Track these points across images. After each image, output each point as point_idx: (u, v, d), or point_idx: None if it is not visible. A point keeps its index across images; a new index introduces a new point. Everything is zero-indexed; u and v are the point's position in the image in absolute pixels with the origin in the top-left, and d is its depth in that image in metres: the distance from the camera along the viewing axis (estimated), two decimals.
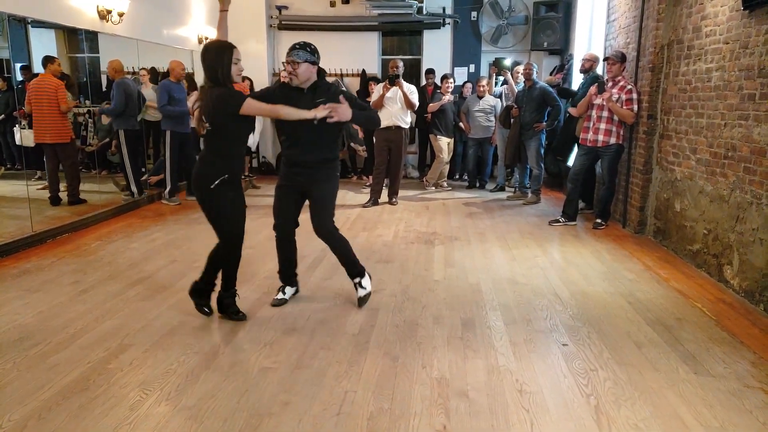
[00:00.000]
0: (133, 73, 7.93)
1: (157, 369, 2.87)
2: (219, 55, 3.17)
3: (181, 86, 6.87)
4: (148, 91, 7.32)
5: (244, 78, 8.26)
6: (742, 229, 3.95)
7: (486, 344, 3.19)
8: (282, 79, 3.46)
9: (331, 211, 3.61)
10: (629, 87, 5.60)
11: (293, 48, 3.42)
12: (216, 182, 3.21)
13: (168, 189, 7.08)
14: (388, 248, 5.16)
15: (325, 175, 3.57)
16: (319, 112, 3.23)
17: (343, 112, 3.30)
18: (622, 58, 5.72)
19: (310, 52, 3.42)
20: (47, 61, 6.16)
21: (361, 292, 3.73)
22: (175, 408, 2.52)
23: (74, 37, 6.88)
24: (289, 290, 3.83)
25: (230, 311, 3.49)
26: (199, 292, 3.48)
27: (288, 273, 3.81)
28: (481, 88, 8.13)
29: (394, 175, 7.26)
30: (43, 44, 6.70)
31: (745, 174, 3.95)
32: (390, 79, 6.76)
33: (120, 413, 2.47)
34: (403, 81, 6.82)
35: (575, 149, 6.85)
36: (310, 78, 3.44)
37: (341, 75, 9.70)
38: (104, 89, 7.02)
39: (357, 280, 3.73)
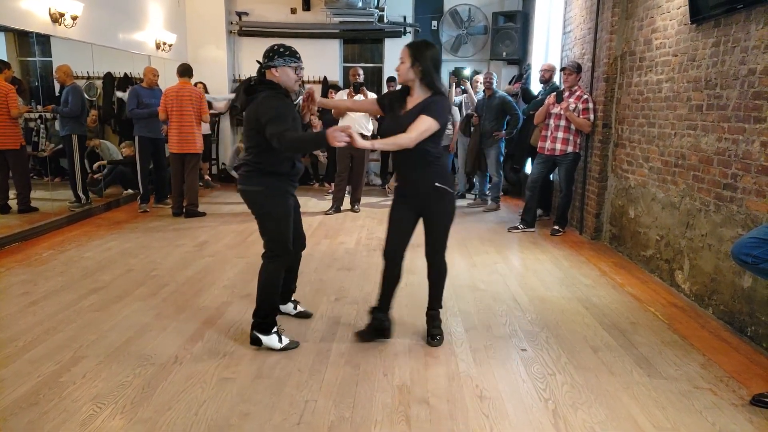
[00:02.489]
0: (88, 77, 7.74)
1: (111, 381, 2.78)
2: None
3: (154, 92, 6.74)
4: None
5: (197, 83, 8.15)
6: (692, 235, 4.10)
7: (447, 351, 3.21)
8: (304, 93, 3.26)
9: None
10: (585, 97, 5.76)
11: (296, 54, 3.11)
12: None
13: (140, 195, 6.93)
14: (350, 256, 5.15)
15: None
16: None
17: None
18: (577, 69, 5.87)
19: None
20: (3, 65, 5.96)
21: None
22: (131, 421, 2.45)
23: (25, 40, 6.68)
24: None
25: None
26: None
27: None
28: None
29: (357, 183, 7.26)
30: None
31: (694, 182, 4.10)
32: (354, 86, 6.79)
33: (72, 428, 2.39)
34: (365, 89, 6.86)
35: (530, 158, 7.02)
36: None
37: (302, 82, 9.64)
38: (57, 94, 6.82)
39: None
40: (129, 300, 3.91)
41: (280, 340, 3.17)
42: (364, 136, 7.04)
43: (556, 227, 6.11)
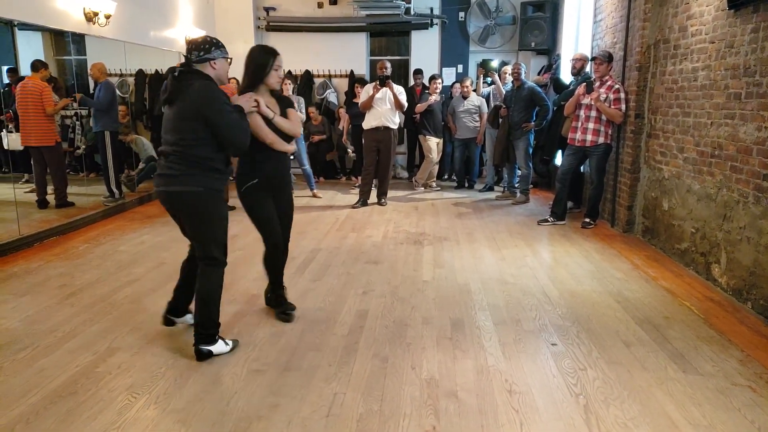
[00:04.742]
0: (121, 75, 7.89)
1: (145, 372, 2.85)
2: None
3: None
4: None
5: (230, 79, 8.23)
6: (729, 227, 3.99)
7: (475, 344, 3.19)
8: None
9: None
10: (617, 86, 5.64)
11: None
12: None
13: None
14: (377, 249, 5.15)
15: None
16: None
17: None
18: (609, 58, 5.75)
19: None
20: (40, 65, 6.11)
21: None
22: (164, 411, 2.50)
23: (61, 40, 6.83)
24: None
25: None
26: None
27: None
28: (465, 89, 8.14)
29: (383, 176, 7.26)
30: (30, 47, 6.65)
31: (731, 173, 3.98)
32: (380, 80, 6.77)
33: (108, 417, 2.45)
34: (391, 82, 6.85)
35: (560, 149, 6.92)
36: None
37: (329, 76, 9.69)
38: (92, 91, 6.97)
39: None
40: (162, 293, 3.97)
41: (227, 343, 3.06)
42: (390, 129, 7.03)
43: (587, 220, 6.01)
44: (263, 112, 3.20)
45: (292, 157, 3.48)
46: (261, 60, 3.24)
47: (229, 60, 3.05)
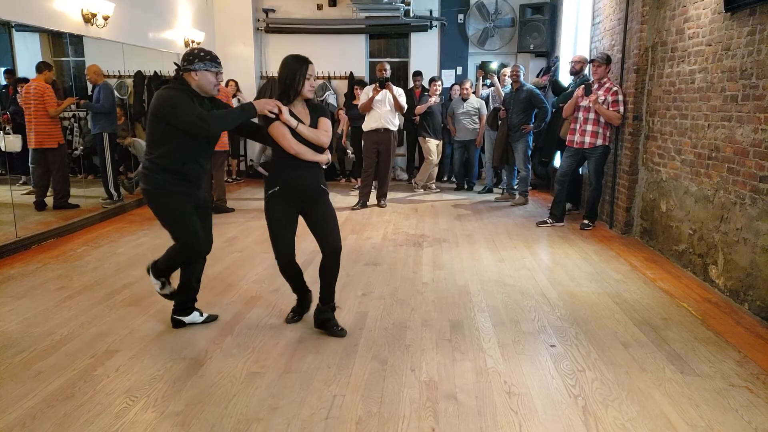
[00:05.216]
0: (119, 76, 7.89)
1: (143, 375, 2.84)
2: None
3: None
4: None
5: (229, 81, 8.23)
6: (726, 228, 3.99)
7: (474, 346, 3.20)
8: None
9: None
10: (615, 89, 5.65)
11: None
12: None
13: None
14: (376, 251, 5.16)
15: None
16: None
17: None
18: (607, 61, 5.77)
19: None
20: (44, 66, 6.11)
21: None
22: (162, 414, 2.50)
23: (59, 41, 6.82)
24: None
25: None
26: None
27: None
28: (465, 91, 8.15)
29: (383, 178, 7.26)
30: (27, 48, 6.64)
31: (728, 174, 3.99)
32: (380, 82, 6.78)
33: (106, 421, 2.44)
34: (391, 84, 6.86)
35: (559, 151, 6.93)
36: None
37: (329, 77, 9.71)
38: (90, 93, 6.97)
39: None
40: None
41: (201, 314, 3.47)
42: (390, 131, 7.05)
43: (586, 221, 6.02)
44: (286, 121, 3.09)
45: (324, 167, 3.35)
46: (291, 69, 3.17)
47: (214, 72, 3.12)
